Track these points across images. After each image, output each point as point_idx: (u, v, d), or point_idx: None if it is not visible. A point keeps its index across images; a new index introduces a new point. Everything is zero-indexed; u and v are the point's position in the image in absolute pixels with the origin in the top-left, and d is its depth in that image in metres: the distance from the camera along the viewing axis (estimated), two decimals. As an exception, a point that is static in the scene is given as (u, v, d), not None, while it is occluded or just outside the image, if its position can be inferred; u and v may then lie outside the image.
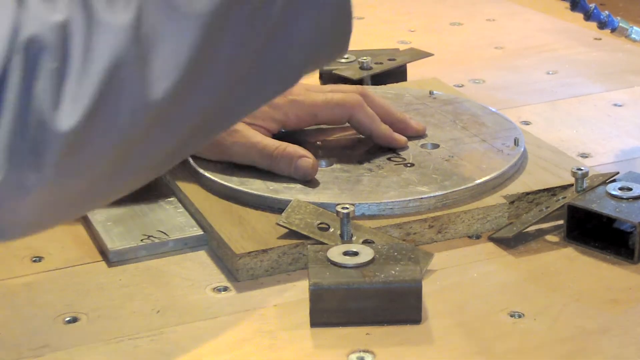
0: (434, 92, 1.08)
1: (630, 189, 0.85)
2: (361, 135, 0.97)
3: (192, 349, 0.73)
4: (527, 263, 0.83)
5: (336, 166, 0.92)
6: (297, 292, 0.79)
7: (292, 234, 0.83)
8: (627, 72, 1.23)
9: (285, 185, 0.88)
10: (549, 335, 0.73)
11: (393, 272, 0.75)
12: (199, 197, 0.89)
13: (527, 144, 0.97)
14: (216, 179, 0.90)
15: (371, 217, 0.86)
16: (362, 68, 1.15)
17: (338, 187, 0.88)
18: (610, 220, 0.84)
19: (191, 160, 0.93)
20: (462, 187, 0.88)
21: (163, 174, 0.91)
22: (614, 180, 0.87)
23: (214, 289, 0.80)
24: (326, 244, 0.80)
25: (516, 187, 0.90)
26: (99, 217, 0.88)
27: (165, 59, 0.62)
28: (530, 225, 0.86)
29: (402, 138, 0.96)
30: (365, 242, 0.81)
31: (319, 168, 0.91)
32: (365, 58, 1.16)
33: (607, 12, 0.99)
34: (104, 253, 0.85)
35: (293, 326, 0.75)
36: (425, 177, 0.90)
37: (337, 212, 0.82)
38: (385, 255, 0.76)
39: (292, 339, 0.74)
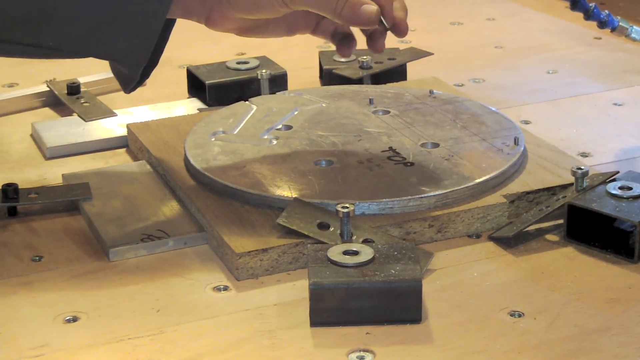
0: (434, 91, 1.08)
1: (630, 188, 0.85)
2: (360, 135, 0.97)
3: (192, 348, 0.73)
4: (527, 262, 0.83)
5: (336, 165, 0.92)
6: (297, 291, 0.79)
7: (292, 233, 0.83)
8: (627, 72, 1.23)
9: (285, 184, 0.88)
10: (549, 335, 0.73)
11: (393, 271, 0.75)
12: (199, 196, 0.89)
13: (527, 143, 0.97)
14: (216, 178, 0.90)
15: (371, 216, 0.86)
16: (362, 67, 1.15)
17: (338, 186, 0.88)
18: (610, 219, 0.84)
19: (191, 160, 0.93)
20: (462, 187, 0.88)
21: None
22: (614, 180, 0.87)
23: (214, 288, 0.80)
24: (326, 243, 0.80)
25: (516, 186, 0.90)
26: (99, 216, 0.88)
27: None
28: (530, 224, 0.86)
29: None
30: (365, 241, 0.81)
31: (319, 167, 0.91)
32: (365, 57, 1.16)
33: (607, 11, 0.99)
34: (104, 252, 0.85)
35: (293, 325, 0.75)
36: (425, 176, 0.90)
37: (337, 212, 0.82)
38: (385, 255, 0.76)
39: (292, 338, 0.74)
